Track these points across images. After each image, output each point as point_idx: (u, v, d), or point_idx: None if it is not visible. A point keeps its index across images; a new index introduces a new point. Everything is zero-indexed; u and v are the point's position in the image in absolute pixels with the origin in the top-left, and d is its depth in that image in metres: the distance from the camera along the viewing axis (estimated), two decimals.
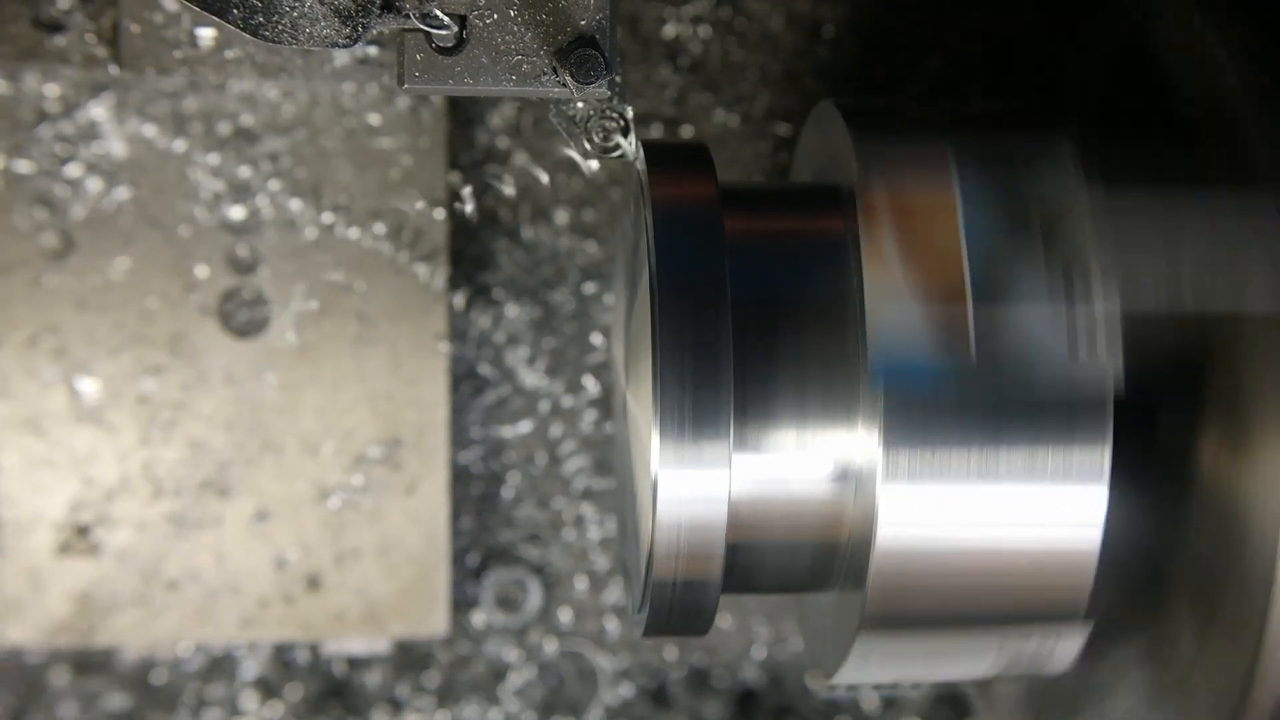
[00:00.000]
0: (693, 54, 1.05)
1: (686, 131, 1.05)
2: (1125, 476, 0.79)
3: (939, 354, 0.78)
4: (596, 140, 0.82)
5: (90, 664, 1.05)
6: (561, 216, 1.05)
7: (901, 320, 0.78)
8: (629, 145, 0.83)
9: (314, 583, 1.02)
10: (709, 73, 1.05)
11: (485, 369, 1.05)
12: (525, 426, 1.06)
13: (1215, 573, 0.79)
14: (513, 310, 1.05)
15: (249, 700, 1.06)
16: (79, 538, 1.01)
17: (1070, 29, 0.95)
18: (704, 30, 1.05)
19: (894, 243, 0.79)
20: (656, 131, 1.05)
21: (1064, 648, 0.83)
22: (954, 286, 0.78)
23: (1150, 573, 0.82)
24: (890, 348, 0.78)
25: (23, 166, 1.00)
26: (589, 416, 1.06)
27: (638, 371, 0.84)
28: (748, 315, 0.80)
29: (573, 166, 1.04)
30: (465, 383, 1.05)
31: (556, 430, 1.06)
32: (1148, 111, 0.85)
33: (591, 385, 1.06)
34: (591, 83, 0.76)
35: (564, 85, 0.77)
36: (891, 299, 0.78)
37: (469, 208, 1.00)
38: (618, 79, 0.80)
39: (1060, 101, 0.94)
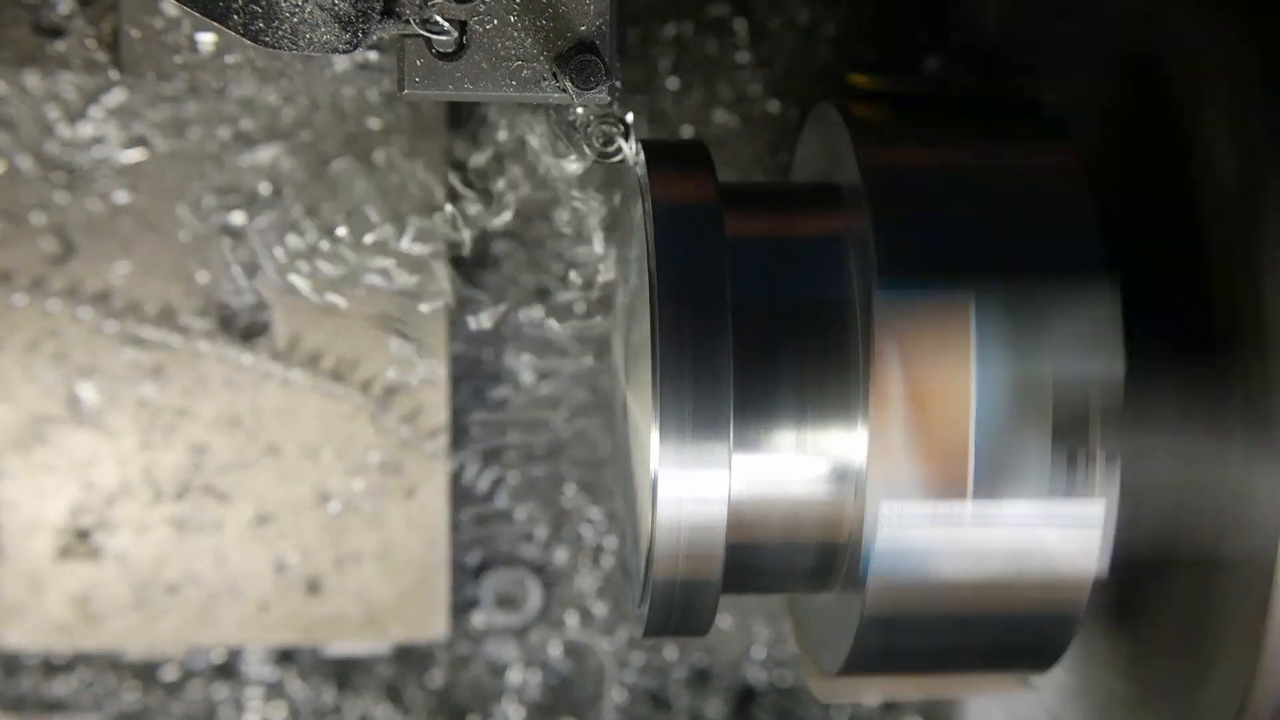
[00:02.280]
0: (693, 54, 1.06)
1: (686, 131, 1.06)
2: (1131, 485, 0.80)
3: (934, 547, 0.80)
4: (596, 145, 0.83)
5: (90, 667, 1.06)
6: (561, 217, 1.06)
7: (901, 520, 0.80)
8: (629, 150, 0.84)
9: (314, 586, 1.04)
10: (709, 73, 1.06)
11: (485, 368, 1.07)
12: (525, 426, 1.08)
13: (1216, 570, 0.80)
14: (513, 310, 1.06)
15: (251, 700, 1.08)
16: (79, 542, 1.02)
17: (1070, 27, 0.95)
18: (704, 30, 1.06)
19: (902, 414, 0.79)
20: (656, 131, 1.06)
21: (1061, 649, 0.85)
22: (958, 476, 0.79)
23: (1150, 571, 0.83)
24: (888, 556, 0.80)
25: (23, 170, 1.01)
26: (589, 416, 1.08)
27: (638, 371, 0.85)
28: (748, 315, 0.80)
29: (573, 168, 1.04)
30: (465, 383, 1.06)
31: (557, 430, 1.08)
32: (1147, 113, 0.86)
33: (592, 385, 1.08)
34: (591, 88, 0.77)
35: (564, 91, 0.78)
36: (893, 494, 0.79)
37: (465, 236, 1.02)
38: (618, 84, 0.81)
39: (1060, 101, 0.95)
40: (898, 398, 0.79)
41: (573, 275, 1.06)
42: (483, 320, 1.06)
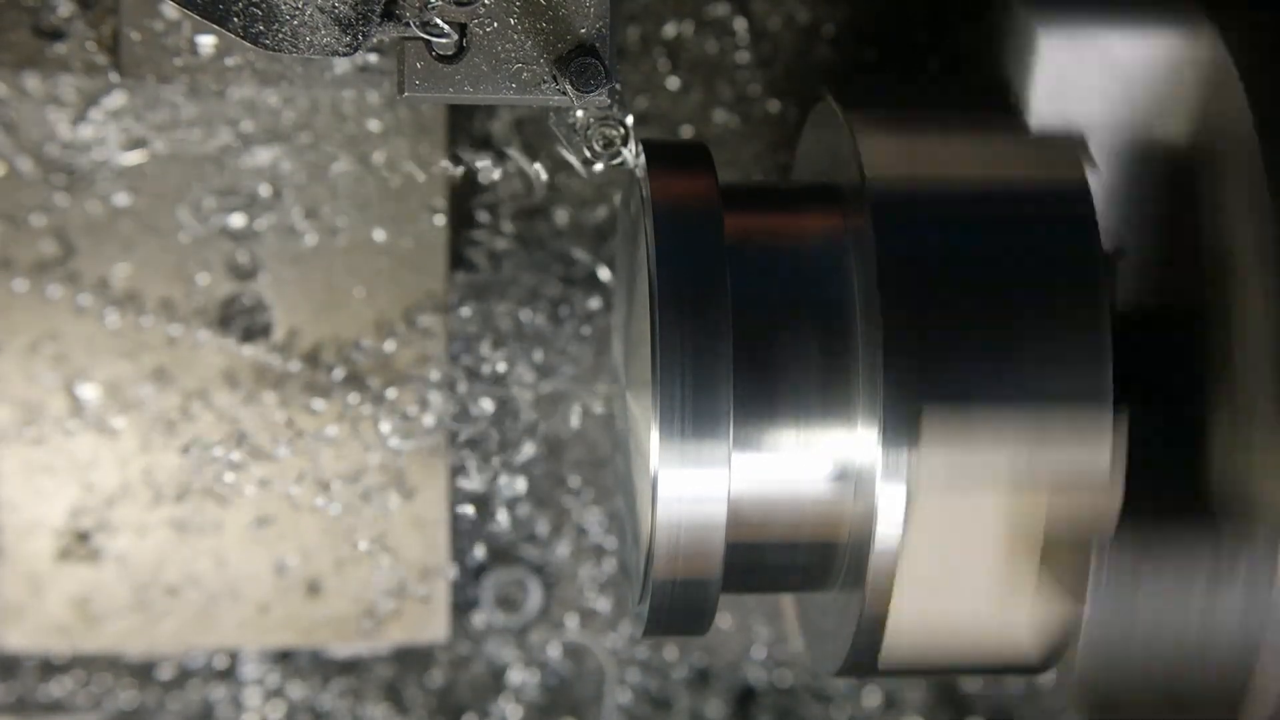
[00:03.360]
0: (693, 54, 1.07)
1: (686, 131, 1.07)
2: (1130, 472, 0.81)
3: None
4: (596, 148, 0.84)
5: (90, 668, 1.07)
6: (562, 217, 1.07)
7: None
8: (629, 153, 0.85)
9: (314, 588, 1.04)
10: (709, 73, 1.07)
11: (485, 368, 1.07)
12: (525, 425, 1.08)
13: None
14: (512, 309, 1.07)
15: (250, 701, 1.08)
16: (79, 543, 1.03)
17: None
18: (704, 30, 1.07)
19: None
20: (656, 131, 1.06)
21: (1060, 651, 0.85)
22: None
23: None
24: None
25: (23, 172, 1.01)
26: (589, 416, 1.08)
27: (638, 371, 0.86)
28: (748, 315, 0.81)
29: (573, 169, 1.05)
30: (465, 383, 1.07)
31: (557, 430, 1.08)
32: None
33: (592, 385, 1.08)
34: (591, 91, 0.78)
35: (564, 93, 0.79)
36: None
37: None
38: (618, 87, 0.82)
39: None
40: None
41: (573, 273, 1.07)
42: (482, 320, 1.07)
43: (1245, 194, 0.81)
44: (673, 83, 1.07)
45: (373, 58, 1.01)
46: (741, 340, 0.81)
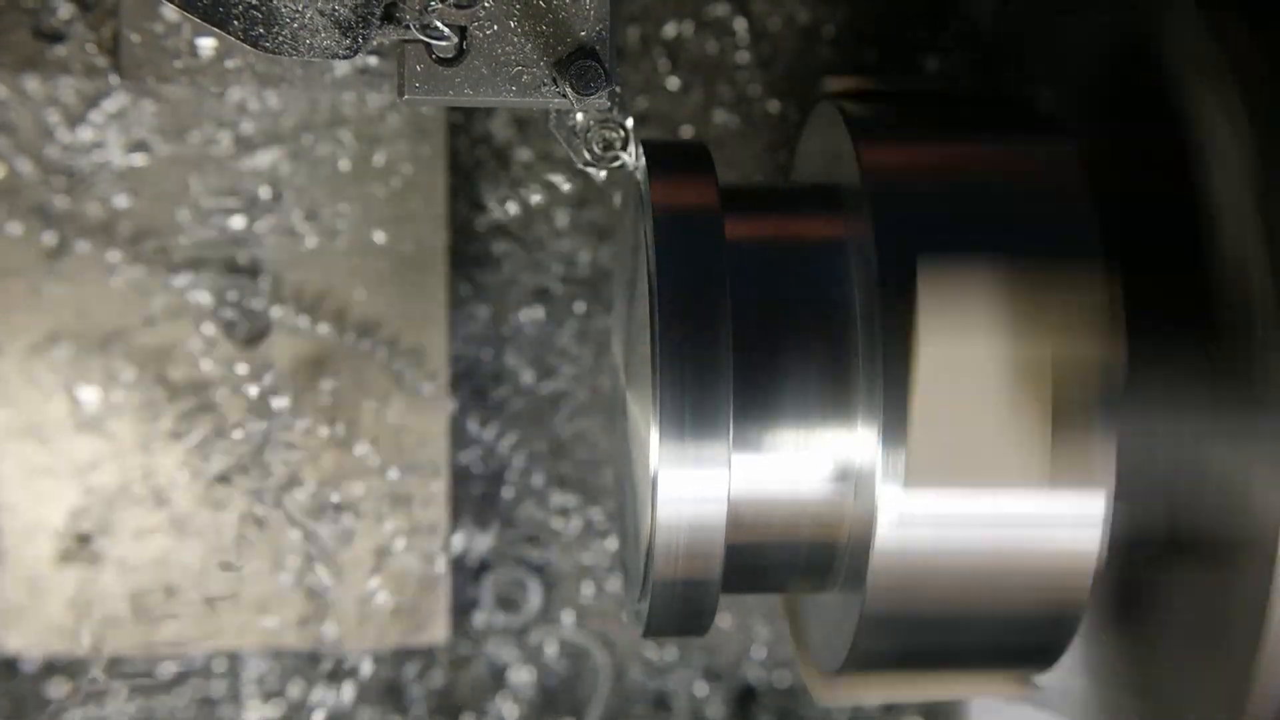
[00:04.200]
0: (693, 54, 1.08)
1: (686, 131, 1.07)
2: (1129, 473, 0.82)
3: None
4: (596, 150, 0.84)
5: (90, 670, 1.07)
6: (562, 217, 1.08)
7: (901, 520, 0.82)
8: (629, 155, 0.85)
9: (314, 591, 1.05)
10: (709, 73, 1.08)
11: (485, 368, 1.08)
12: (525, 424, 1.09)
13: (1215, 560, 0.81)
14: (513, 309, 1.08)
15: (250, 702, 1.09)
16: (80, 546, 1.04)
17: (1071, 25, 0.97)
18: (704, 30, 1.07)
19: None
20: (656, 132, 1.07)
21: (1062, 647, 0.86)
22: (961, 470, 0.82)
23: (1149, 564, 0.84)
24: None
25: (23, 175, 1.02)
26: (590, 415, 1.09)
27: (638, 371, 0.86)
28: (748, 315, 0.82)
29: (572, 170, 1.07)
30: (465, 382, 1.08)
31: (557, 430, 1.09)
32: (1148, 113, 0.87)
33: (592, 385, 1.09)
34: (591, 94, 0.78)
35: (564, 96, 0.78)
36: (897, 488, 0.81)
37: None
38: (618, 89, 0.82)
39: (1061, 97, 0.96)
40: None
41: (573, 274, 1.08)
42: (483, 320, 1.08)
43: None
44: (673, 83, 1.08)
45: (373, 60, 1.02)
46: (741, 341, 0.81)
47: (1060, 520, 0.82)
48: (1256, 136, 0.79)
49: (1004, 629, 0.86)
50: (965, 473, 0.81)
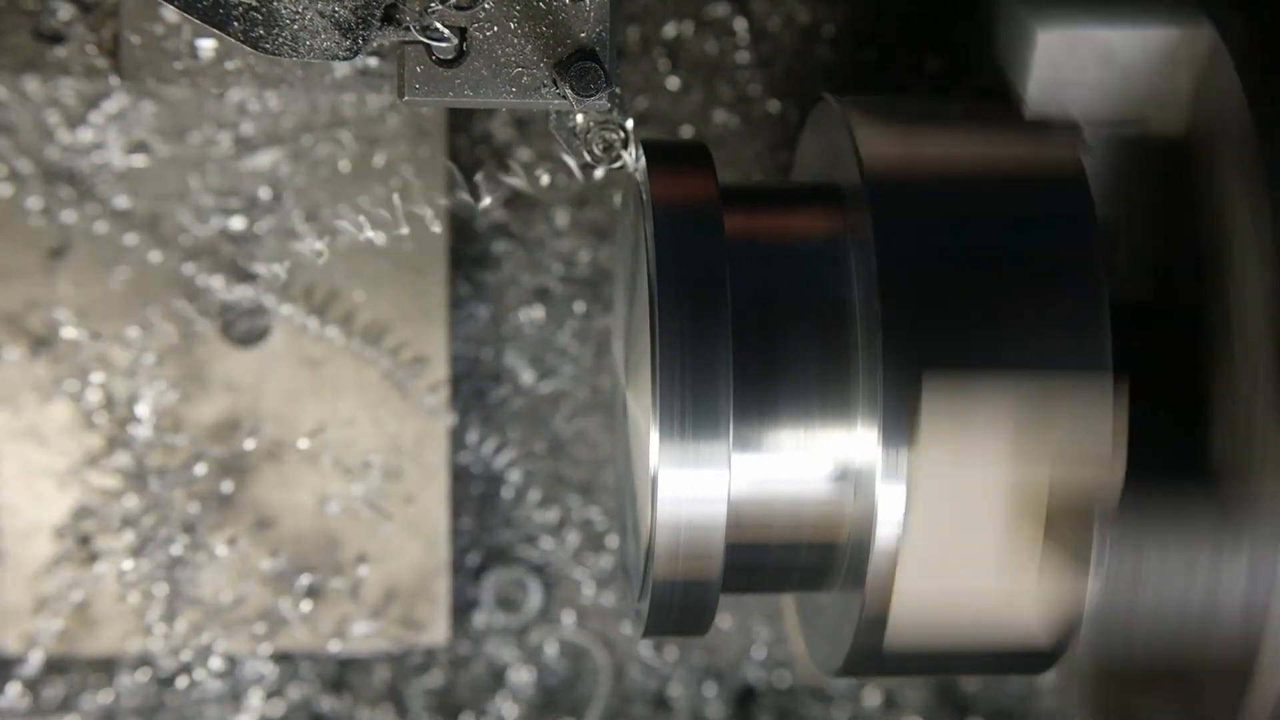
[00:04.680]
0: (693, 54, 1.08)
1: (686, 131, 1.07)
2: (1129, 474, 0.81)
3: None
4: (597, 152, 0.84)
5: (90, 671, 1.08)
6: (562, 217, 1.08)
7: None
8: (629, 157, 0.85)
9: (314, 592, 1.05)
10: (709, 73, 1.08)
11: (485, 368, 1.08)
12: (525, 424, 1.09)
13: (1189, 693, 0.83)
14: (513, 309, 1.08)
15: (251, 701, 1.09)
16: (79, 547, 1.04)
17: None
18: (704, 30, 1.08)
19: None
20: (656, 132, 1.07)
21: (1060, 651, 0.86)
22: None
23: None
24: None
25: (23, 175, 1.02)
26: (590, 415, 1.10)
27: (638, 371, 0.86)
28: (748, 315, 0.82)
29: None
30: (465, 382, 1.08)
31: (557, 430, 1.10)
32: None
33: (592, 384, 1.09)
34: (592, 95, 0.78)
35: (564, 98, 0.79)
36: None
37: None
38: (618, 91, 0.82)
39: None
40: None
41: (573, 274, 1.08)
42: (483, 320, 1.08)
43: (1241, 186, 0.82)
44: (673, 83, 1.08)
45: (373, 61, 1.02)
46: (741, 340, 0.81)
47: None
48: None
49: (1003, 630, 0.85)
50: (952, 592, 0.82)
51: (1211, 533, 0.82)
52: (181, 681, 1.08)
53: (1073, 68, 0.87)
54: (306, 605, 1.06)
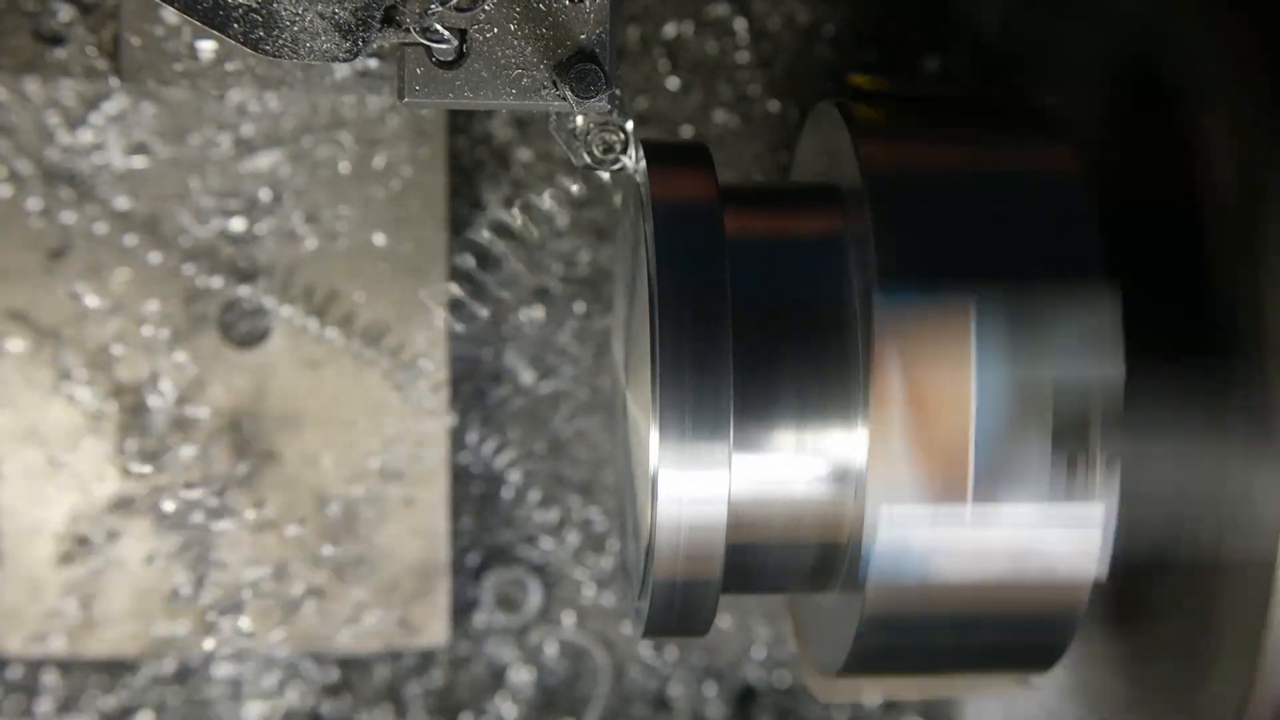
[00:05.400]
0: (693, 54, 1.08)
1: (686, 131, 1.08)
2: (1131, 491, 0.82)
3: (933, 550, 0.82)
4: (596, 153, 0.85)
5: (90, 672, 1.08)
6: (562, 217, 1.09)
7: (901, 521, 0.82)
8: (629, 158, 0.85)
9: (314, 593, 1.06)
10: (709, 73, 1.08)
11: (485, 368, 1.09)
12: (525, 424, 1.10)
13: (1215, 573, 0.82)
14: (513, 309, 1.09)
15: (251, 701, 1.09)
16: (79, 548, 1.04)
17: (1071, 28, 0.97)
18: (704, 30, 1.08)
19: (902, 421, 0.81)
20: (656, 132, 1.07)
21: (1061, 649, 0.87)
22: (957, 485, 0.81)
23: (1150, 574, 0.85)
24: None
25: (23, 177, 1.03)
26: (590, 415, 1.10)
27: (637, 371, 0.86)
28: (748, 315, 0.82)
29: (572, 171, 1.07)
30: (465, 383, 1.09)
31: (557, 430, 1.10)
32: (1148, 116, 0.87)
33: (592, 384, 1.10)
34: (592, 97, 0.78)
35: (564, 99, 0.79)
36: (893, 496, 0.81)
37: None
38: (618, 93, 0.82)
39: (1061, 99, 0.96)
40: (898, 400, 0.80)
41: (573, 274, 1.09)
42: (483, 320, 1.09)
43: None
44: (673, 83, 1.08)
45: (373, 63, 1.02)
46: (741, 340, 0.81)
47: (1060, 524, 0.82)
48: (1254, 148, 0.80)
49: (1003, 630, 0.86)
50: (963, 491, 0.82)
51: (1221, 413, 0.81)
52: (181, 682, 1.09)
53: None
54: (306, 606, 1.06)
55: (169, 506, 1.05)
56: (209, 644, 1.06)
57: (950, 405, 0.81)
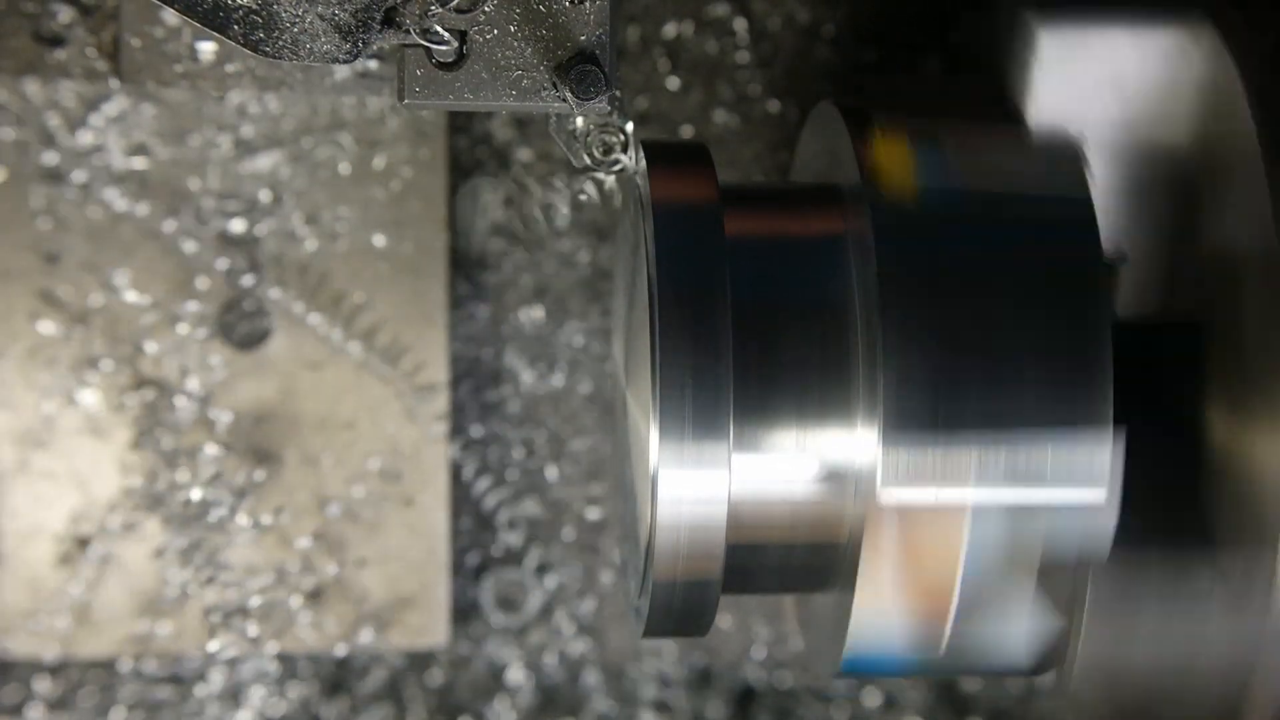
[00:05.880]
0: (693, 54, 1.08)
1: (686, 131, 1.08)
2: (1128, 470, 0.82)
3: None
4: (596, 154, 0.85)
5: (90, 672, 1.08)
6: (562, 217, 1.09)
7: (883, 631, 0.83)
8: (629, 160, 0.86)
9: (314, 594, 1.06)
10: (709, 73, 1.08)
11: (485, 368, 1.09)
12: (525, 424, 1.10)
13: (1221, 552, 0.83)
14: (513, 309, 1.09)
15: (251, 702, 1.09)
16: (79, 549, 1.04)
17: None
18: (704, 30, 1.08)
19: (892, 565, 0.82)
20: (656, 132, 1.07)
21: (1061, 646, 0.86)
22: (939, 616, 0.83)
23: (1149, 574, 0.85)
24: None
25: (24, 179, 1.03)
26: (590, 416, 1.10)
27: (638, 371, 0.86)
28: (748, 315, 0.82)
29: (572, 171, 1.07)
30: (465, 382, 1.09)
31: (557, 430, 1.10)
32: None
33: (592, 384, 1.10)
34: (591, 98, 0.78)
35: (564, 100, 0.79)
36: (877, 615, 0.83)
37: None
38: (618, 94, 0.82)
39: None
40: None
41: (573, 274, 1.09)
42: (483, 319, 1.09)
43: (1248, 200, 0.82)
44: (673, 83, 1.08)
45: (373, 64, 1.03)
46: (741, 340, 0.81)
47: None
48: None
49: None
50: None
51: (1203, 583, 0.82)
52: (182, 682, 1.09)
53: (1077, 74, 0.87)
54: (307, 606, 1.06)
55: (169, 507, 1.05)
56: (209, 645, 1.06)
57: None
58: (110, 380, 1.04)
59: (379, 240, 1.05)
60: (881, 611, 0.83)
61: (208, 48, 1.01)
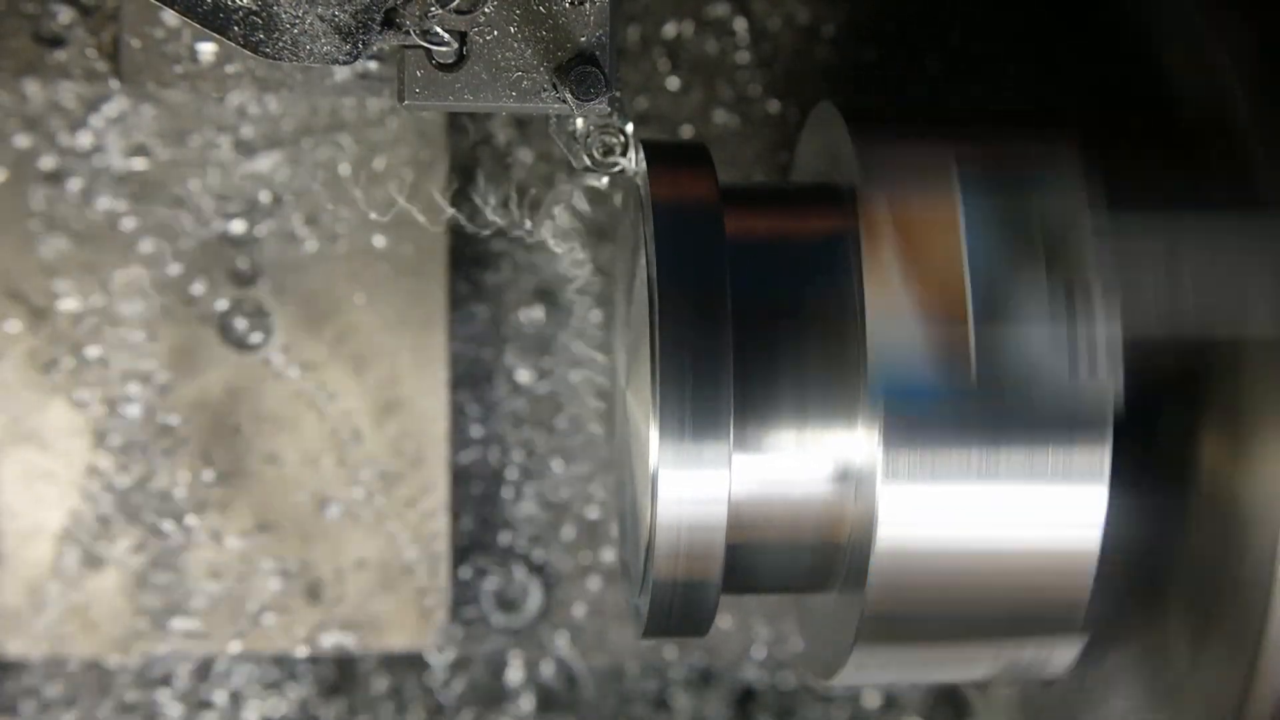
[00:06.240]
0: (693, 54, 1.08)
1: (686, 131, 1.08)
2: (1126, 478, 0.82)
3: (939, 373, 0.80)
4: (596, 155, 0.85)
5: (89, 674, 1.08)
6: (562, 216, 1.07)
7: (902, 339, 0.81)
8: (629, 161, 0.86)
9: (314, 594, 1.06)
10: (709, 73, 1.09)
11: (485, 368, 1.09)
12: (525, 424, 1.10)
13: (1214, 577, 0.82)
14: (513, 309, 1.09)
15: (250, 702, 1.10)
16: (78, 549, 1.05)
17: (1070, 29, 0.97)
18: (704, 30, 1.08)
19: (895, 258, 0.81)
20: (656, 132, 1.07)
21: (1062, 650, 0.87)
22: (955, 305, 0.80)
23: (1149, 575, 0.85)
24: (891, 366, 0.81)
25: (23, 179, 1.03)
26: (590, 416, 1.10)
27: (638, 371, 0.86)
28: (748, 315, 0.82)
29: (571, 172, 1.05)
30: (465, 382, 1.09)
31: (557, 430, 1.10)
32: (1148, 115, 0.88)
33: (592, 384, 1.10)
34: (592, 99, 0.78)
35: (564, 102, 0.79)
36: (892, 316, 0.81)
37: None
38: (618, 95, 0.83)
39: (1061, 102, 0.97)
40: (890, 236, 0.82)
41: (574, 274, 1.09)
42: (483, 319, 1.09)
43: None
44: (673, 83, 1.09)
45: (373, 65, 1.03)
46: (741, 340, 0.81)
47: (1060, 521, 0.83)
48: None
49: (1002, 631, 0.87)
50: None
51: (1207, 196, 0.83)
52: (181, 682, 1.09)
53: None
54: (306, 607, 1.07)
55: (169, 508, 1.05)
56: (208, 645, 1.06)
57: (941, 245, 0.82)
58: (110, 380, 1.04)
59: (379, 241, 1.05)
60: (896, 315, 0.82)
61: (208, 49, 1.02)
